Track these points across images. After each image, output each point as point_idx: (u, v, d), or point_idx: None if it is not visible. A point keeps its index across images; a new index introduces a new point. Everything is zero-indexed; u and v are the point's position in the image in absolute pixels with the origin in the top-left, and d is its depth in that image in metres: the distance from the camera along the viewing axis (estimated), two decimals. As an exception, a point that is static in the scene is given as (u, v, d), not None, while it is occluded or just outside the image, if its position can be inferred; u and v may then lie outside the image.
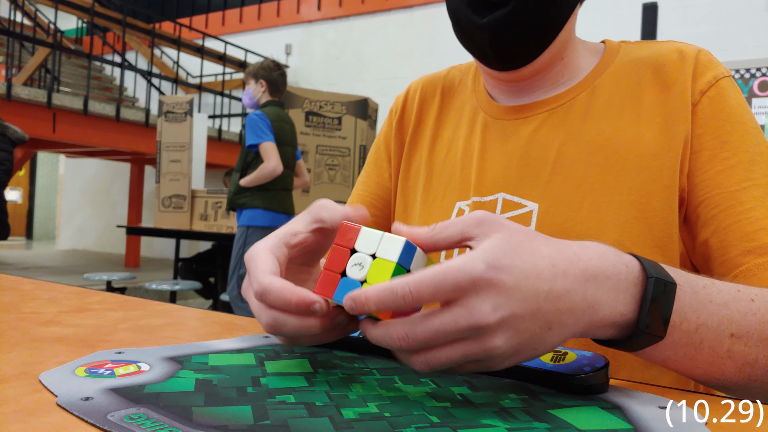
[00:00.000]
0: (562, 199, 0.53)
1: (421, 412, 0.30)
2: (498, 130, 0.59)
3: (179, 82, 6.24)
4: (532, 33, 0.53)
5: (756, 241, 0.47)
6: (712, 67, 0.53)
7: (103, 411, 0.28)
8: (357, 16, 6.48)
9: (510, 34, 0.52)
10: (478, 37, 0.54)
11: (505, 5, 0.51)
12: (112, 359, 0.37)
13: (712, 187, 0.50)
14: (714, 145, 0.51)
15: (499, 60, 0.55)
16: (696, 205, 0.51)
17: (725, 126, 0.51)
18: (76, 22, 8.04)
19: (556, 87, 0.58)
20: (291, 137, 2.76)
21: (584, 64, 0.58)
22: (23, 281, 0.70)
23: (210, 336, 0.46)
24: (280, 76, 2.77)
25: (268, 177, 2.57)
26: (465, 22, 0.54)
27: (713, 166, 0.50)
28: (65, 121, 4.91)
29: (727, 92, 0.52)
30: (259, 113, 2.61)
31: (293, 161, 2.80)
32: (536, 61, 0.55)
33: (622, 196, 0.51)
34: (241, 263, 2.66)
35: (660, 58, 0.55)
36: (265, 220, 2.64)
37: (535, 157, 0.55)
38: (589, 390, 0.34)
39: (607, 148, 0.53)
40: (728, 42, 4.47)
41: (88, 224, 8.65)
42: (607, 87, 0.56)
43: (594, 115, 0.55)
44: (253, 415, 0.29)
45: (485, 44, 0.53)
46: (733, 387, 0.41)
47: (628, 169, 0.51)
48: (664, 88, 0.53)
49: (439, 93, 0.67)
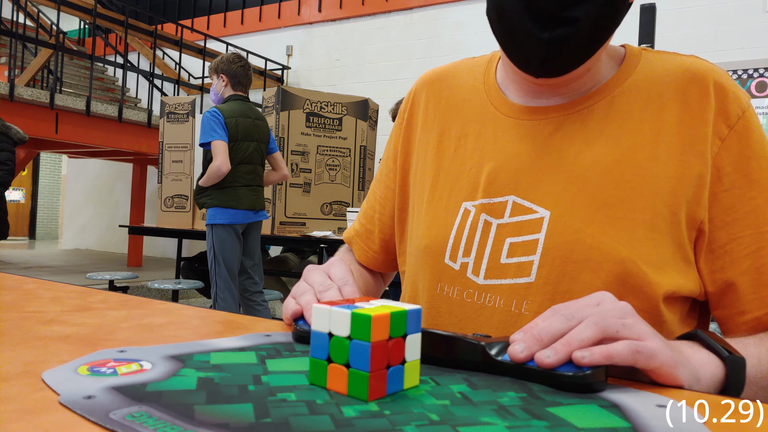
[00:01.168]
0: (576, 209, 0.52)
1: (421, 410, 0.30)
2: (511, 129, 0.58)
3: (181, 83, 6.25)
4: (586, 50, 0.51)
5: None
6: (738, 96, 0.53)
7: (106, 409, 0.28)
8: (357, 18, 6.48)
9: (566, 50, 0.50)
10: (530, 47, 0.51)
11: (572, 24, 0.48)
12: (115, 358, 0.37)
13: (743, 227, 0.51)
14: (742, 184, 0.51)
15: (543, 71, 0.52)
16: (726, 242, 0.51)
17: (751, 163, 0.51)
18: (79, 24, 8.05)
19: (576, 92, 0.56)
20: (252, 132, 2.66)
21: (604, 71, 0.57)
22: (26, 280, 0.71)
23: (212, 335, 0.46)
24: (241, 68, 2.69)
25: (216, 176, 2.53)
26: (519, 30, 0.50)
27: (743, 206, 0.51)
28: (68, 122, 4.92)
29: (752, 124, 0.52)
30: (212, 110, 2.58)
31: (258, 156, 2.70)
32: (573, 72, 0.54)
33: (635, 214, 0.51)
34: (217, 261, 2.63)
35: (683, 75, 0.54)
36: (225, 217, 2.61)
37: (550, 162, 0.54)
38: (588, 388, 0.34)
39: (624, 163, 0.52)
40: (726, 43, 4.46)
41: (91, 224, 8.66)
42: (627, 99, 0.54)
43: (612, 126, 0.54)
44: (255, 413, 0.29)
45: (537, 56, 0.51)
46: None
47: (642, 188, 0.51)
48: (685, 108, 0.53)
49: (446, 88, 0.65)
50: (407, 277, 0.63)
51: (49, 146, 5.93)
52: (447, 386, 0.35)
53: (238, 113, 2.63)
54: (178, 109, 4.21)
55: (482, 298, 0.54)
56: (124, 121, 5.38)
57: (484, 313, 0.54)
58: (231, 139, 2.59)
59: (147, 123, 5.58)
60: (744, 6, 4.47)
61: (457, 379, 0.36)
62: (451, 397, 0.33)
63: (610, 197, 0.51)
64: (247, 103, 2.73)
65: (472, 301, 0.54)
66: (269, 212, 3.80)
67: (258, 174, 2.73)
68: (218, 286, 2.65)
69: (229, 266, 2.65)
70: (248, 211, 2.67)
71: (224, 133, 2.56)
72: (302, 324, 0.45)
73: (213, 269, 2.66)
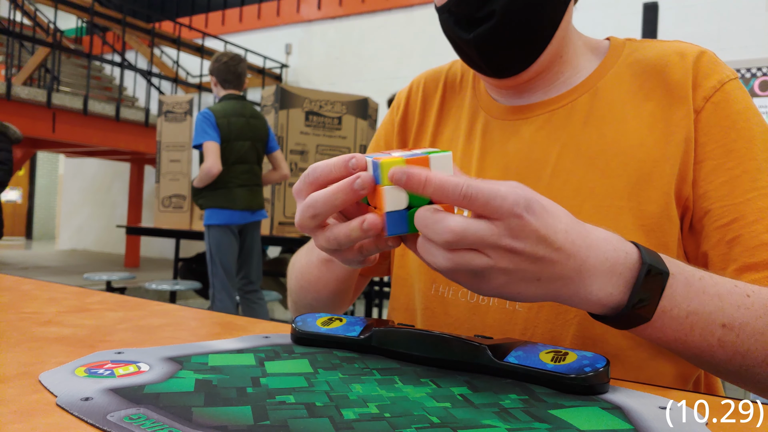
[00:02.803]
0: (561, 202, 0.52)
1: (422, 413, 0.30)
2: (498, 130, 0.59)
3: (179, 82, 6.24)
4: (522, 41, 0.52)
5: (755, 257, 0.47)
6: (717, 71, 0.52)
7: (103, 411, 0.28)
8: (357, 16, 6.48)
9: (497, 46, 0.52)
10: (468, 51, 0.54)
11: (488, 20, 0.51)
12: (112, 359, 0.37)
13: (716, 199, 0.49)
14: (718, 155, 0.50)
15: (493, 71, 0.55)
16: (700, 216, 0.50)
17: (730, 133, 0.50)
18: (76, 22, 8.04)
19: (555, 85, 0.57)
20: (246, 131, 2.63)
21: (585, 63, 0.58)
22: (23, 281, 0.70)
23: (210, 336, 0.46)
24: (224, 66, 2.65)
25: (207, 177, 2.53)
26: (455, 38, 0.55)
27: (717, 177, 0.49)
28: (65, 121, 4.91)
29: (733, 96, 0.51)
30: (204, 112, 2.58)
31: (253, 155, 2.68)
32: (534, 65, 0.55)
33: (621, 202, 0.50)
34: (214, 262, 2.64)
35: (663, 59, 0.54)
36: (221, 218, 2.61)
37: (535, 159, 0.55)
38: (590, 390, 0.34)
39: (608, 153, 0.52)
40: (729, 41, 4.47)
41: (88, 224, 8.65)
42: (609, 90, 0.55)
43: (595, 118, 0.54)
44: (253, 415, 0.29)
45: (476, 58, 0.54)
46: (725, 373, 0.43)
47: (628, 175, 0.51)
48: (667, 92, 0.53)
49: (441, 89, 0.66)
50: (401, 279, 0.62)
51: (46, 145, 5.92)
52: (448, 388, 0.35)
53: (231, 113, 2.62)
54: (176, 108, 4.20)
55: (476, 296, 0.54)
56: (122, 120, 5.37)
57: (479, 311, 0.54)
58: (224, 139, 2.58)
59: (144, 122, 5.57)
60: (748, 4, 4.48)
61: (458, 381, 0.36)
62: (452, 400, 0.32)
63: (596, 187, 0.51)
64: (242, 101, 2.70)
65: (466, 300, 0.55)
66: (268, 212, 3.79)
67: (255, 173, 2.71)
68: (215, 287, 2.65)
69: (226, 267, 2.65)
70: (245, 211, 2.66)
71: (215, 133, 2.55)
72: (300, 325, 0.45)
73: (210, 270, 2.66)
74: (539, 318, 0.51)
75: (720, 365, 0.42)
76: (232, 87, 2.70)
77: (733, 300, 0.41)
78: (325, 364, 0.39)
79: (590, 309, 0.38)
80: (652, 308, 0.38)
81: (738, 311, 0.41)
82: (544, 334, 0.51)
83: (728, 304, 0.41)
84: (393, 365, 0.39)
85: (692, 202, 0.50)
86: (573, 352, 0.37)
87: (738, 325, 0.41)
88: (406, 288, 0.62)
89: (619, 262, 0.37)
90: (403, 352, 0.40)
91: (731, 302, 0.41)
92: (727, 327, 0.41)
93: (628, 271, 0.38)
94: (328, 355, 0.41)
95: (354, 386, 0.34)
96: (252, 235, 2.80)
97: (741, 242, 0.48)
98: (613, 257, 0.37)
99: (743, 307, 0.41)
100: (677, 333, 0.40)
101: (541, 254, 0.34)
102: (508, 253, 0.34)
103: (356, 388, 0.34)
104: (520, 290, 0.36)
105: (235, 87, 2.72)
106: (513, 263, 0.34)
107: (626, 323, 0.39)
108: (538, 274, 0.35)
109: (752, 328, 0.41)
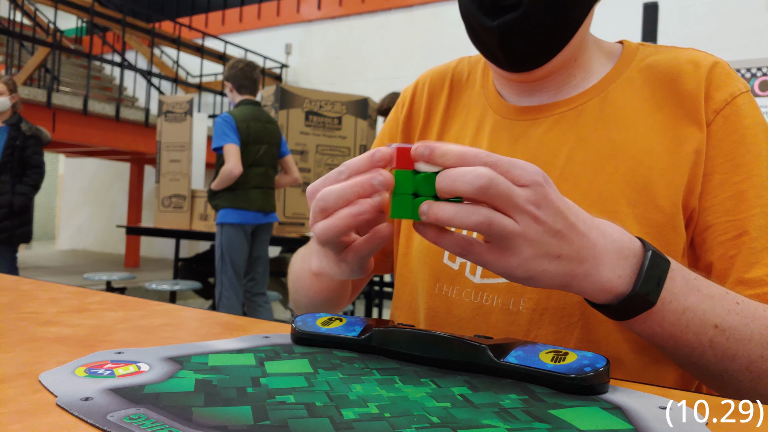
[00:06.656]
0: None
1: (422, 413, 0.30)
2: (507, 130, 0.58)
3: (179, 82, 6.24)
4: (543, 36, 0.51)
5: (751, 273, 0.47)
6: (729, 83, 0.51)
7: (103, 411, 0.28)
8: (357, 16, 6.48)
9: (520, 37, 0.51)
10: (487, 39, 0.52)
11: (515, 8, 0.50)
12: (112, 359, 0.37)
13: (721, 213, 0.49)
14: (726, 169, 0.50)
15: (509, 63, 0.53)
16: (703, 229, 0.50)
17: (739, 148, 0.50)
18: (76, 22, 8.04)
19: (566, 88, 0.57)
20: (263, 135, 2.71)
21: (597, 67, 0.57)
22: (23, 281, 0.70)
23: (210, 336, 0.46)
24: (239, 72, 2.73)
25: (228, 178, 2.58)
26: (475, 24, 0.53)
27: (723, 191, 0.49)
28: (65, 121, 4.91)
29: (743, 111, 0.51)
30: (224, 115, 2.63)
31: (269, 159, 2.76)
32: (549, 64, 0.54)
33: (628, 208, 0.50)
34: (224, 260, 2.66)
35: (676, 68, 0.53)
36: (235, 217, 2.65)
37: (543, 161, 0.54)
38: (590, 390, 0.34)
39: (617, 158, 0.52)
40: (729, 41, 4.47)
41: (88, 224, 8.65)
42: (620, 94, 0.54)
43: (605, 122, 0.54)
44: (253, 415, 0.29)
45: (495, 47, 0.52)
46: (709, 376, 0.44)
47: (635, 182, 0.51)
48: (679, 102, 0.52)
49: (447, 87, 0.65)
50: (404, 278, 0.63)
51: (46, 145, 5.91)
52: (448, 388, 0.34)
53: (249, 117, 2.68)
54: (176, 108, 4.20)
55: (479, 297, 0.54)
56: (122, 120, 5.37)
57: (482, 312, 0.54)
58: (243, 142, 2.64)
59: (144, 122, 5.57)
60: (748, 4, 4.48)
61: (458, 381, 0.36)
62: (452, 400, 0.32)
63: (603, 191, 0.51)
64: (258, 106, 2.78)
65: (470, 300, 0.54)
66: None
67: (269, 176, 2.77)
68: (223, 285, 2.67)
69: (236, 266, 2.67)
70: (258, 212, 2.70)
71: (236, 136, 2.61)
72: (300, 325, 0.45)
73: (219, 268, 2.67)
74: (543, 320, 0.51)
75: (706, 367, 0.43)
76: (247, 92, 2.78)
77: (725, 304, 0.43)
78: (325, 364, 0.39)
79: (598, 294, 0.39)
80: (657, 293, 0.39)
81: (729, 315, 0.42)
82: (548, 336, 0.50)
83: (720, 307, 0.42)
84: (393, 365, 0.39)
85: (697, 214, 0.50)
86: (573, 352, 0.37)
87: (728, 327, 0.42)
88: (409, 287, 0.61)
89: (625, 245, 0.39)
90: (403, 352, 0.40)
91: (723, 305, 0.42)
92: (719, 328, 0.42)
93: (633, 256, 0.39)
94: (328, 355, 0.41)
95: (354, 386, 0.34)
96: (262, 239, 2.84)
97: (741, 258, 0.48)
98: (620, 239, 0.39)
99: (733, 312, 0.43)
100: (673, 328, 0.41)
101: (559, 227, 0.36)
102: (534, 222, 0.35)
103: (356, 388, 0.34)
104: (545, 267, 0.36)
105: (251, 92, 2.79)
106: (537, 234, 0.35)
107: (631, 310, 0.40)
108: (559, 250, 0.36)
109: (741, 333, 0.42)
